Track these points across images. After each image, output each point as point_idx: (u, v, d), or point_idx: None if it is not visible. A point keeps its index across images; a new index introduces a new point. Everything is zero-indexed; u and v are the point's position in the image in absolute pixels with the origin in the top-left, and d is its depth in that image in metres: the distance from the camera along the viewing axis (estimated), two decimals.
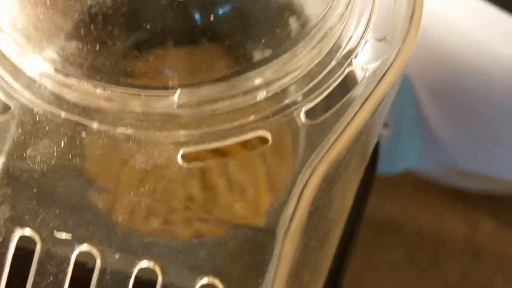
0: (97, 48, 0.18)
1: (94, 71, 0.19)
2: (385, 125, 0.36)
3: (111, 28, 0.18)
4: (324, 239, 0.21)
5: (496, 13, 0.30)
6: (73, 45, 0.18)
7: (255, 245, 0.19)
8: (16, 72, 0.20)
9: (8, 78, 0.20)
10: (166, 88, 0.19)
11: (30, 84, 0.20)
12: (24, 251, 0.19)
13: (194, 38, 0.18)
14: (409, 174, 0.40)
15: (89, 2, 0.17)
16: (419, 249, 0.41)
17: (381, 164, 0.35)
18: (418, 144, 0.37)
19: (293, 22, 0.19)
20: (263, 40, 0.19)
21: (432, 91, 0.34)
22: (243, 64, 0.19)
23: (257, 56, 0.19)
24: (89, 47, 0.18)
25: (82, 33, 0.18)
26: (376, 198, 0.41)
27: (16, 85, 0.20)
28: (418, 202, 0.42)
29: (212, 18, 0.18)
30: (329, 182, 0.20)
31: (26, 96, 0.19)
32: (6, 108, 0.19)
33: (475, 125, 0.34)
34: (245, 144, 0.19)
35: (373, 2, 0.21)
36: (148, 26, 0.18)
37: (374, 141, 0.25)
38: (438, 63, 0.33)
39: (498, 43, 0.30)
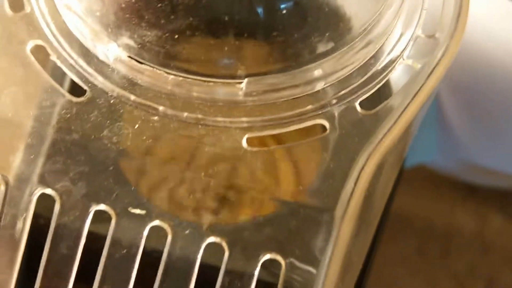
0: (175, 38, 0.19)
1: (168, 59, 0.20)
2: None
3: (190, 20, 0.19)
4: (369, 224, 0.23)
5: None
6: (152, 34, 0.19)
7: (315, 224, 0.20)
8: (88, 56, 0.21)
9: (81, 62, 0.21)
10: (233, 77, 0.20)
11: (103, 68, 0.21)
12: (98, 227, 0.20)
13: (262, 32, 0.19)
14: (422, 168, 0.40)
15: None
16: (430, 241, 0.41)
17: None
18: (435, 138, 0.38)
19: (352, 19, 0.21)
20: (324, 35, 0.20)
21: (451, 87, 0.35)
22: (305, 56, 0.20)
23: (318, 49, 0.20)
24: (167, 36, 0.19)
25: (162, 23, 0.19)
26: None
27: (89, 69, 0.21)
28: (430, 196, 0.43)
29: (279, 15, 0.19)
30: (380, 169, 0.21)
31: (99, 80, 0.20)
32: (83, 91, 0.21)
33: (491, 121, 0.35)
34: (304, 131, 0.21)
35: (423, 0, 0.22)
36: (222, 18, 0.19)
37: (414, 134, 0.26)
38: (458, 59, 0.34)
39: None
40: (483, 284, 0.40)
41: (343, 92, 0.21)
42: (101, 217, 0.20)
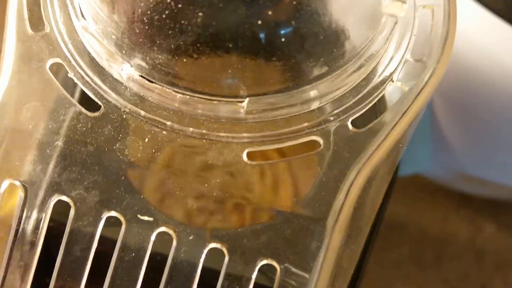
0: (183, 61, 0.21)
1: (176, 79, 0.22)
2: None
3: (197, 46, 0.21)
4: (360, 232, 0.24)
5: (508, 28, 0.32)
6: (162, 57, 0.21)
7: (308, 233, 0.22)
8: (103, 74, 0.23)
9: (97, 79, 0.23)
10: (235, 96, 0.22)
11: (117, 86, 0.22)
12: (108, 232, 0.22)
13: (263, 56, 0.21)
14: (416, 177, 0.41)
15: (182, 22, 0.20)
16: (423, 248, 0.42)
17: None
18: (429, 149, 0.38)
19: (346, 44, 0.22)
20: (322, 59, 0.22)
21: (447, 100, 0.36)
22: (302, 78, 0.22)
23: (314, 72, 0.22)
24: (176, 59, 0.21)
25: (172, 47, 0.21)
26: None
27: (104, 87, 0.22)
28: (424, 204, 0.44)
29: (279, 41, 0.21)
30: (369, 183, 0.23)
31: (113, 97, 0.22)
32: (97, 107, 0.22)
33: (484, 133, 0.36)
34: (303, 147, 0.22)
35: (413, 26, 0.24)
36: (228, 45, 0.20)
37: (404, 149, 0.28)
38: (452, 73, 0.34)
39: (509, 57, 0.32)
40: None
41: (336, 111, 0.22)
42: (112, 223, 0.22)
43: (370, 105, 0.22)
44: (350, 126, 0.22)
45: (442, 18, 0.24)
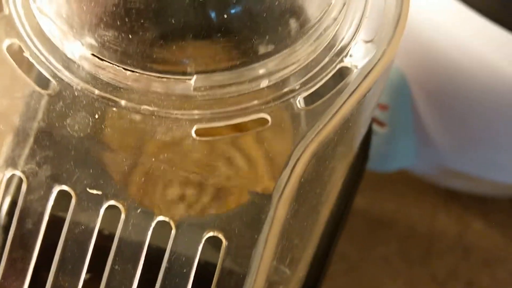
0: (130, 38, 0.21)
1: (126, 57, 0.22)
2: (381, 124, 0.38)
3: (142, 22, 0.21)
4: (313, 211, 0.25)
5: (488, 24, 0.32)
6: (109, 34, 0.22)
7: (254, 206, 0.22)
8: (57, 53, 0.23)
9: (51, 59, 0.23)
10: (184, 73, 0.22)
11: (70, 64, 0.23)
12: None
13: (210, 33, 0.22)
14: (404, 173, 0.42)
15: None
16: (411, 245, 0.42)
17: (376, 162, 0.36)
18: (413, 144, 0.39)
19: (293, 23, 0.23)
20: (267, 37, 0.22)
21: (428, 94, 0.36)
22: (250, 56, 0.22)
23: (262, 50, 0.23)
24: (123, 36, 0.22)
25: (118, 24, 0.21)
26: (371, 195, 0.43)
27: (58, 65, 0.23)
28: (413, 201, 0.44)
29: (225, 17, 0.21)
30: (318, 160, 0.23)
31: (66, 75, 0.23)
32: (50, 84, 0.23)
33: (467, 127, 0.36)
34: (248, 124, 0.23)
35: (365, 7, 0.24)
36: (172, 21, 0.21)
37: (362, 132, 0.28)
38: (435, 68, 0.34)
39: (490, 53, 0.32)
40: (463, 287, 0.41)
41: (285, 89, 0.23)
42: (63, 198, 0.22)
43: (319, 85, 0.23)
44: (298, 104, 0.23)
45: (395, 0, 0.24)
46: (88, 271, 0.22)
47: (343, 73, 0.23)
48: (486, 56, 0.32)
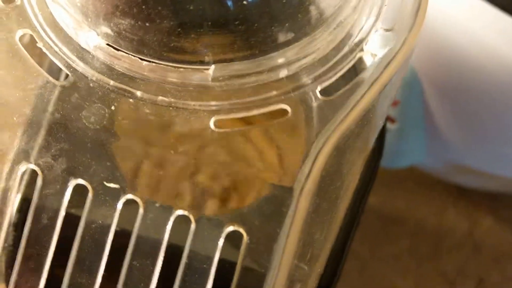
0: (147, 26, 0.21)
1: (142, 46, 0.22)
2: (392, 120, 0.38)
3: (159, 9, 0.21)
4: (333, 205, 0.24)
5: (501, 16, 0.31)
6: (126, 23, 0.21)
7: (275, 200, 0.21)
8: (71, 43, 0.23)
9: (65, 49, 0.23)
10: (202, 63, 0.22)
11: (84, 55, 0.22)
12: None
13: (228, 20, 0.21)
14: (414, 170, 0.41)
15: None
16: (421, 241, 0.42)
17: (387, 159, 0.36)
18: (423, 140, 0.38)
19: (312, 11, 0.22)
20: (286, 25, 0.22)
21: (439, 90, 0.36)
22: (269, 45, 0.22)
23: (281, 38, 0.22)
24: (139, 25, 0.21)
25: (135, 12, 0.21)
26: (382, 193, 0.43)
27: (72, 56, 0.22)
28: (422, 198, 0.44)
29: (244, 4, 0.21)
30: (339, 152, 0.22)
31: (81, 66, 0.22)
32: (65, 75, 0.22)
33: (479, 122, 0.36)
34: (268, 115, 0.22)
35: None
36: (190, 9, 0.20)
37: (380, 125, 0.27)
38: (446, 63, 0.34)
39: (503, 45, 0.32)
40: (473, 283, 0.41)
41: (305, 79, 0.22)
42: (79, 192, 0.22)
43: (339, 74, 0.22)
44: (318, 95, 0.22)
45: None
46: (105, 268, 0.22)
47: (362, 62, 0.23)
48: (499, 49, 0.32)
